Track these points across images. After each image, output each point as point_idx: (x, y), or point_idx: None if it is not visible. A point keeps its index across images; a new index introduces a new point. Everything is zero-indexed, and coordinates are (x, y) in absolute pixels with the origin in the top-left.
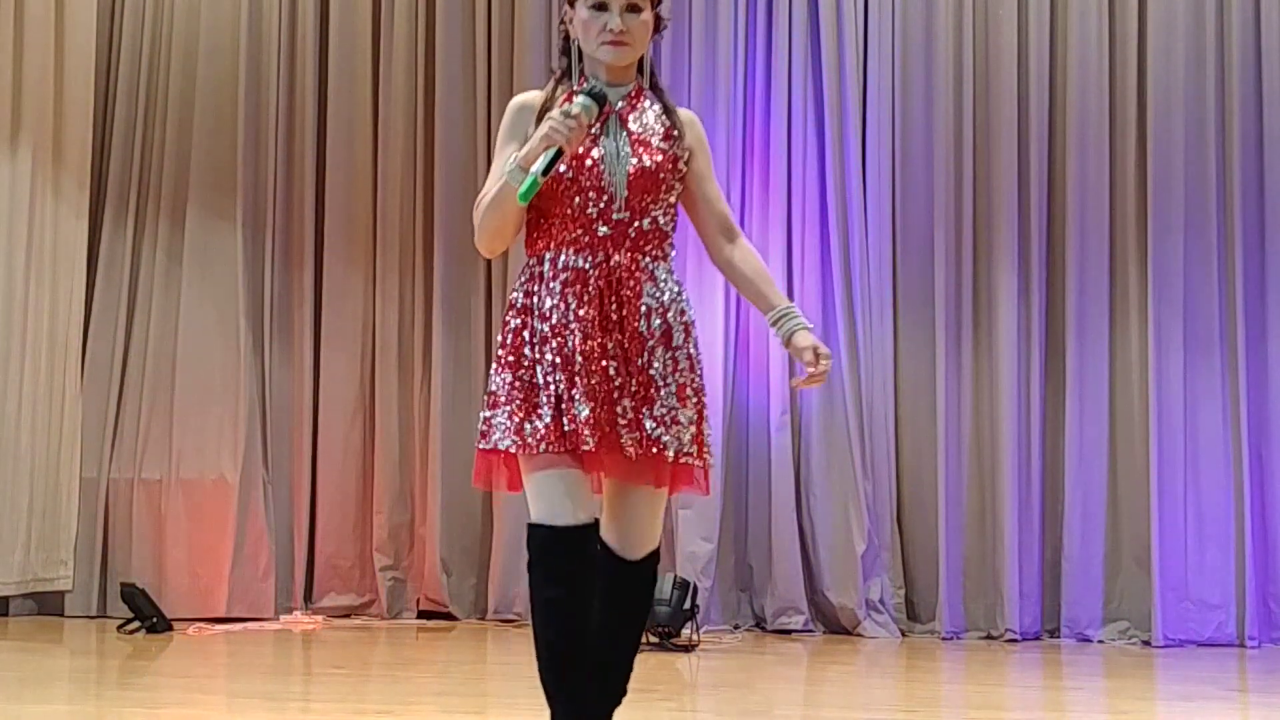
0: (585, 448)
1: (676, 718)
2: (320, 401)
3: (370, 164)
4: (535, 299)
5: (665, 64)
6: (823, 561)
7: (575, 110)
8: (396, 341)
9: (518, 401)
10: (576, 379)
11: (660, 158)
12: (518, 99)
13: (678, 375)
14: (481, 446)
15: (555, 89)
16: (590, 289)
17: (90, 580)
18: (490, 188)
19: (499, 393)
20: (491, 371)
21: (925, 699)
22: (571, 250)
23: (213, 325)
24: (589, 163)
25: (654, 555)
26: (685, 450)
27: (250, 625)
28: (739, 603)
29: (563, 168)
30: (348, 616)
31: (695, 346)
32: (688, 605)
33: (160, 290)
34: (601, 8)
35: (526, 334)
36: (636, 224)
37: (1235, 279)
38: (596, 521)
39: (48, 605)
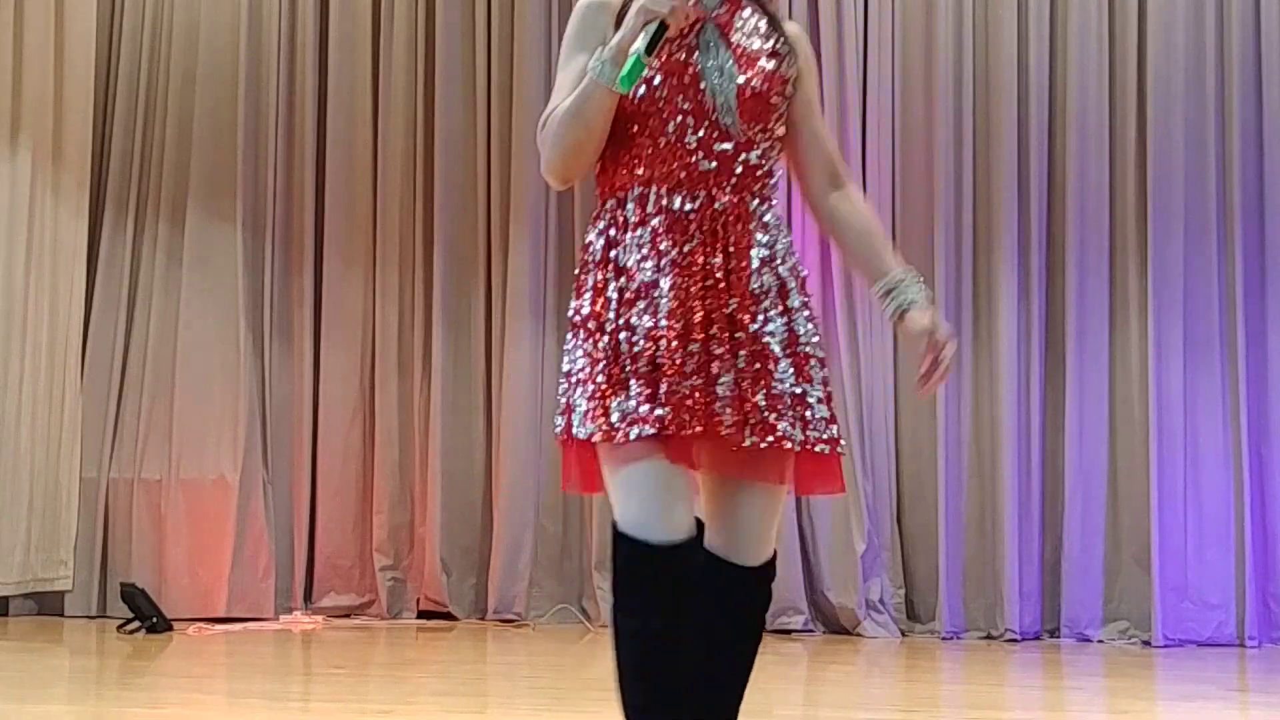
0: (687, 432)
1: None
2: (320, 401)
3: (370, 164)
4: (619, 250)
5: None
6: (823, 561)
7: None
8: (396, 341)
9: (600, 378)
10: (672, 349)
11: (769, 78)
12: None
13: (799, 344)
14: (562, 437)
15: None
16: (690, 237)
17: (90, 580)
18: (562, 100)
19: (576, 368)
20: (566, 343)
21: (925, 699)
22: (665, 189)
23: (213, 325)
24: (687, 79)
25: (772, 563)
26: (821, 436)
27: (250, 625)
28: None
29: (650, 84)
30: (348, 616)
31: (812, 308)
32: None
33: (160, 290)
34: None
35: (610, 293)
36: (744, 157)
37: (1235, 279)
38: (700, 530)
39: (48, 605)
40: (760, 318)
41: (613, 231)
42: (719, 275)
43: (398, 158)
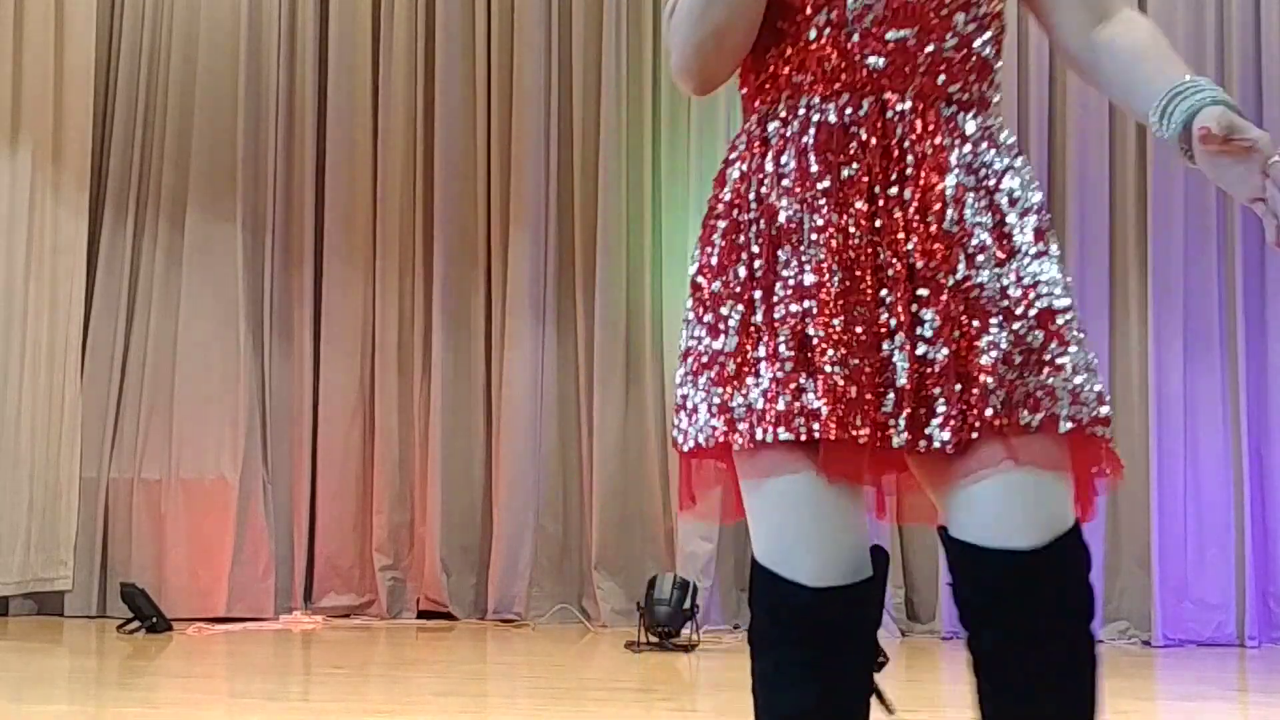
0: (849, 435)
1: (676, 718)
2: (320, 401)
3: (370, 164)
4: (755, 181)
5: (666, 65)
6: None
7: None
8: (396, 341)
9: (724, 357)
10: (826, 318)
11: None
12: None
13: (1038, 295)
14: (682, 447)
15: None
16: (852, 159)
17: (90, 580)
18: None
19: (693, 345)
20: (686, 315)
21: (925, 699)
22: (816, 95)
23: (213, 325)
24: None
25: (1071, 535)
26: (1092, 414)
27: (250, 625)
28: (739, 602)
29: None
30: (347, 616)
31: (1054, 245)
32: (688, 605)
33: (160, 290)
34: None
35: (744, 238)
36: (931, 48)
37: (1235, 278)
38: (875, 574)
39: (47, 605)
40: (962, 266)
41: (748, 161)
42: (895, 211)
43: (398, 158)
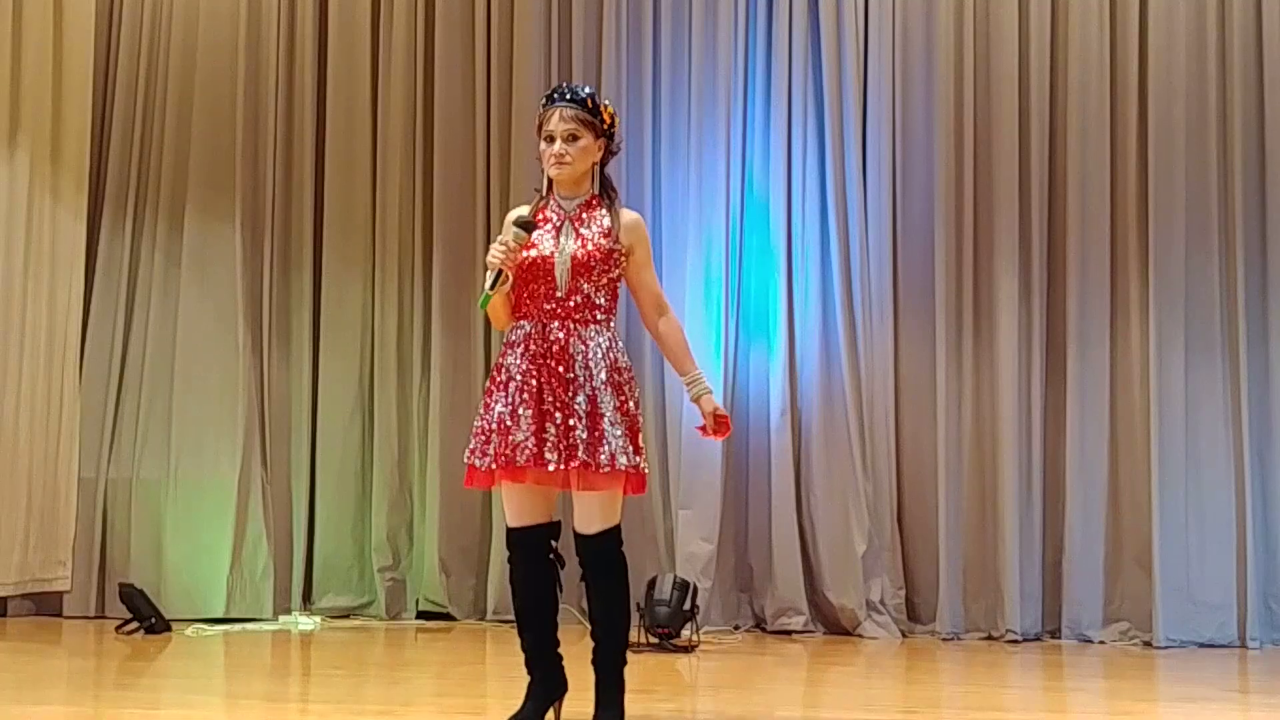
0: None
1: (676, 718)
2: (319, 401)
3: (370, 164)
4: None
5: (666, 65)
6: (823, 562)
7: (508, 239)
8: (396, 342)
9: None
10: None
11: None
12: (512, 214)
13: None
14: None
15: (538, 202)
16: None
17: (89, 580)
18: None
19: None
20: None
21: (925, 699)
22: None
23: (211, 326)
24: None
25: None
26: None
27: (249, 625)
28: (739, 603)
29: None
30: (346, 617)
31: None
32: (688, 606)
33: (159, 291)
34: (550, 139)
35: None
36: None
37: (1236, 279)
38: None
39: (46, 605)
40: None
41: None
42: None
43: (397, 158)
